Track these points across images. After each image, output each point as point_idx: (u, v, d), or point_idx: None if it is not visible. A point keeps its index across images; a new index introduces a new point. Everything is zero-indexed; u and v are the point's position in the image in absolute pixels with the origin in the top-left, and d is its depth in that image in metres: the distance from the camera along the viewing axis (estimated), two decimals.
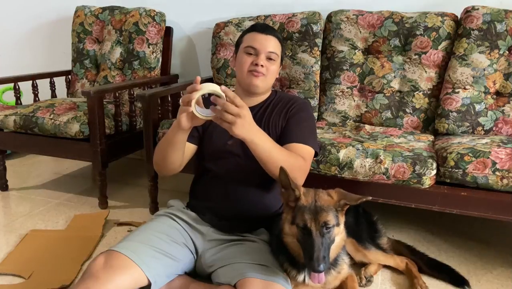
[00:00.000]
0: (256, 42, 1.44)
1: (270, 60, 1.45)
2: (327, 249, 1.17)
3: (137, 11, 2.53)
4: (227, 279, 1.26)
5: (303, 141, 1.42)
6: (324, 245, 1.16)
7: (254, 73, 1.43)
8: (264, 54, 1.44)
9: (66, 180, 2.62)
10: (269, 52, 1.44)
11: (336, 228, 1.21)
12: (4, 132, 2.27)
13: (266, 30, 1.47)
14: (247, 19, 2.35)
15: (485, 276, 1.61)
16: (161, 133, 1.95)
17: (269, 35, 1.46)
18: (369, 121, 2.12)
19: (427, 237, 1.91)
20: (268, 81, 1.47)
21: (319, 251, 1.14)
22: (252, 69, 1.44)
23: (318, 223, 1.17)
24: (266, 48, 1.44)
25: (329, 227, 1.18)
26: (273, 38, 1.47)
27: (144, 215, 2.09)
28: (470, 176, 1.52)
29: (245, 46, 1.46)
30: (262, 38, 1.45)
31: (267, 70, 1.44)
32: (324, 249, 1.16)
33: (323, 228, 1.17)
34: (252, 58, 1.44)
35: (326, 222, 1.17)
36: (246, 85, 1.48)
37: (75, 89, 2.67)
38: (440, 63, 2.02)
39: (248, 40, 1.47)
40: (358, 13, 2.15)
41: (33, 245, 1.77)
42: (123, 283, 1.20)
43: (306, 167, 1.41)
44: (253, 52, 1.44)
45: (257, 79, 1.44)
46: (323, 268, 1.13)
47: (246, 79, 1.46)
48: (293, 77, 2.23)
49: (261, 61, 1.43)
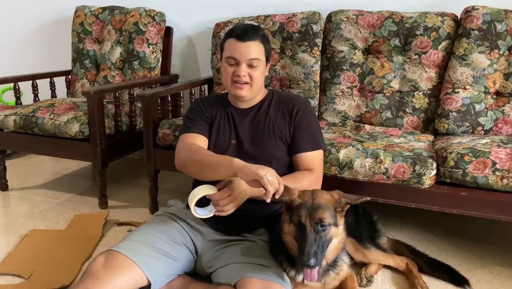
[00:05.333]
0: (235, 52, 1.40)
1: (252, 67, 1.42)
2: (321, 247, 1.17)
3: (137, 11, 2.53)
4: (227, 279, 1.26)
5: (316, 147, 1.47)
6: (318, 242, 1.16)
7: (237, 85, 1.43)
8: (245, 63, 1.41)
9: (66, 180, 2.62)
10: (249, 60, 1.41)
11: (334, 228, 1.21)
12: (4, 132, 2.27)
13: (245, 37, 1.40)
14: (247, 19, 2.35)
15: (485, 276, 1.61)
16: (161, 133, 1.95)
17: (248, 42, 1.40)
18: (369, 121, 2.12)
19: (427, 237, 1.91)
20: (255, 87, 1.46)
21: (311, 246, 1.14)
22: (235, 80, 1.43)
23: (313, 219, 1.17)
24: (246, 57, 1.40)
25: (325, 224, 1.18)
26: (253, 43, 1.41)
27: (144, 215, 2.09)
28: (470, 176, 1.52)
29: (226, 56, 1.44)
30: (241, 47, 1.40)
31: (251, 77, 1.43)
32: (318, 246, 1.16)
33: (318, 224, 1.17)
34: (234, 69, 1.42)
35: (321, 219, 1.17)
36: (233, 96, 1.49)
37: (75, 89, 2.67)
38: (440, 63, 2.02)
39: (228, 49, 1.43)
40: (358, 13, 2.15)
41: (33, 245, 1.77)
42: (123, 283, 1.21)
43: (317, 176, 1.46)
44: (234, 62, 1.42)
45: (242, 91, 1.43)
46: (313, 263, 1.13)
47: (231, 90, 1.47)
48: (293, 77, 2.23)
49: (242, 71, 1.40)
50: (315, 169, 1.46)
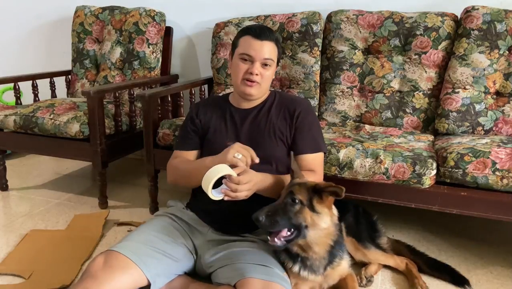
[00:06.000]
0: (251, 50, 1.41)
1: (265, 66, 1.43)
2: (281, 216, 1.21)
3: (137, 11, 2.53)
4: (226, 279, 1.26)
5: (317, 149, 1.48)
6: (280, 210, 1.21)
7: (248, 83, 1.43)
8: (259, 62, 1.41)
9: (66, 180, 2.62)
10: (264, 59, 1.41)
11: (309, 211, 1.23)
12: (4, 132, 2.27)
13: (262, 36, 1.41)
14: (247, 19, 2.35)
15: (485, 276, 1.61)
16: (161, 133, 1.95)
17: (264, 41, 1.41)
18: (369, 121, 2.12)
19: (427, 237, 1.91)
20: (263, 87, 1.46)
21: (270, 207, 1.22)
22: (246, 77, 1.43)
23: (288, 192, 1.25)
24: (262, 56, 1.41)
25: (294, 198, 1.22)
26: (269, 44, 1.42)
27: (144, 215, 2.09)
28: (470, 176, 1.52)
29: (240, 53, 1.44)
30: (257, 45, 1.41)
31: (262, 77, 1.43)
32: (277, 212, 1.21)
33: (288, 196, 1.23)
34: (247, 66, 1.42)
35: (292, 192, 1.23)
36: (240, 93, 1.49)
37: (75, 89, 2.67)
38: (440, 63, 2.02)
39: (243, 46, 1.43)
40: (358, 13, 2.15)
41: (33, 245, 1.77)
42: (122, 283, 1.21)
43: (318, 178, 1.46)
44: (248, 59, 1.42)
45: (251, 89, 1.44)
46: (262, 220, 1.18)
47: (240, 87, 1.46)
48: (293, 77, 2.23)
49: (256, 69, 1.41)
50: (316, 170, 1.46)
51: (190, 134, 1.54)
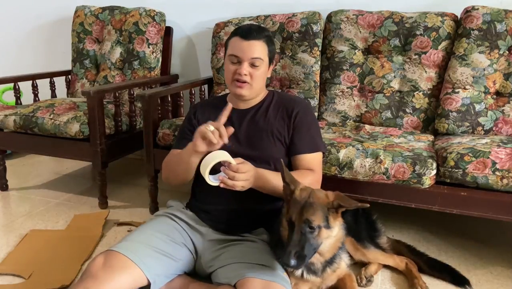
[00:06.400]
0: (238, 50, 1.41)
1: (254, 66, 1.42)
2: (306, 248, 1.15)
3: (137, 11, 2.53)
4: (226, 279, 1.26)
5: (315, 149, 1.47)
6: (303, 243, 1.15)
7: (237, 84, 1.43)
8: (247, 62, 1.41)
9: (66, 180, 2.62)
10: (252, 59, 1.41)
11: (325, 230, 1.19)
12: (4, 132, 2.27)
13: (249, 36, 1.41)
14: (247, 19, 2.35)
15: (485, 276, 1.61)
16: (161, 133, 1.95)
17: (251, 41, 1.40)
18: (369, 121, 2.12)
19: (427, 237, 1.91)
20: (255, 86, 1.46)
21: (293, 246, 1.13)
22: (236, 78, 1.43)
23: (301, 218, 1.16)
24: (249, 55, 1.40)
25: (312, 226, 1.16)
26: (257, 43, 1.41)
27: (144, 215, 2.09)
28: (470, 176, 1.52)
29: (228, 54, 1.44)
30: (244, 45, 1.40)
31: (252, 77, 1.43)
32: (302, 246, 1.14)
33: (305, 225, 1.16)
34: (236, 67, 1.42)
35: (309, 220, 1.16)
36: (233, 94, 1.50)
37: (75, 89, 2.67)
38: (440, 63, 2.02)
39: (231, 47, 1.44)
40: (358, 13, 2.15)
41: (33, 245, 1.77)
42: (122, 283, 1.21)
43: (317, 177, 1.46)
44: (236, 61, 1.42)
45: (242, 90, 1.44)
46: (294, 264, 1.13)
47: (231, 88, 1.47)
48: (293, 77, 2.23)
49: (244, 70, 1.41)
50: (314, 170, 1.46)
51: (187, 134, 1.53)
